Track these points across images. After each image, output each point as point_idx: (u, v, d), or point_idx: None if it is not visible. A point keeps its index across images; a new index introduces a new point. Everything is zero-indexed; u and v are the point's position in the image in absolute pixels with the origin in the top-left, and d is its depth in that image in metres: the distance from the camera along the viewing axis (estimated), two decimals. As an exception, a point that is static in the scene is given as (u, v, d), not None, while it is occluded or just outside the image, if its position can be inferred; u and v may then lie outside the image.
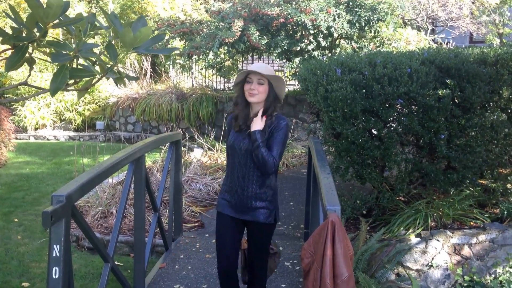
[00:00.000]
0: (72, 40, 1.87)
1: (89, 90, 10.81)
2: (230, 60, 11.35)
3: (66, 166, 8.83)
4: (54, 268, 2.43)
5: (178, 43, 11.88)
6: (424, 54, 4.68)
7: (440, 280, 4.43)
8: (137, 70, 12.26)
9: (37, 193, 7.16)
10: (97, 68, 2.00)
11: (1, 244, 5.24)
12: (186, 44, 9.84)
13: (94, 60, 1.97)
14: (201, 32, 9.43)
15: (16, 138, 11.14)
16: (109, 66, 1.93)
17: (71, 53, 1.81)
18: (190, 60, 10.71)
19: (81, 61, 1.98)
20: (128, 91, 11.87)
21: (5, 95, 11.72)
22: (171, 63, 13.16)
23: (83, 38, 1.79)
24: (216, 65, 10.87)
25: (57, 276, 2.42)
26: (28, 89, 11.24)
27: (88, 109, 12.39)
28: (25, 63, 2.05)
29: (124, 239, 5.16)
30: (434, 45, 9.30)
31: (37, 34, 1.81)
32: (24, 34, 1.82)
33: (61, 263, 2.43)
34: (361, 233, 4.44)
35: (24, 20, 1.83)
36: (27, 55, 1.97)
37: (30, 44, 1.86)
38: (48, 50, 2.02)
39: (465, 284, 4.39)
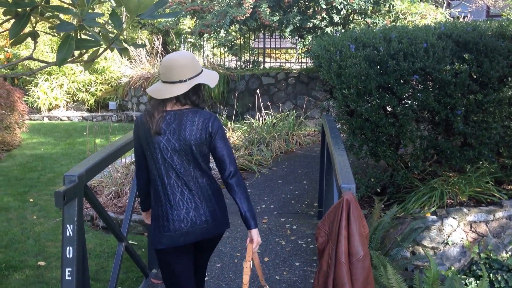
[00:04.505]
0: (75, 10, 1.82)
1: (100, 69, 10.72)
2: (242, 38, 11.22)
3: (80, 147, 8.88)
4: (68, 248, 2.43)
5: (189, 22, 11.77)
6: (441, 28, 4.56)
7: (456, 257, 4.39)
8: (148, 50, 12.18)
9: (52, 173, 7.21)
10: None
11: (17, 224, 5.30)
12: (197, 22, 9.73)
13: (99, 30, 1.93)
14: (212, 10, 9.31)
15: (30, 119, 11.20)
16: (114, 35, 1.89)
17: (75, 22, 1.77)
18: (201, 38, 10.61)
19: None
20: (140, 71, 11.84)
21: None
22: (182, 42, 13.07)
23: (87, 7, 1.75)
24: (227, 43, 10.76)
25: (71, 256, 2.43)
26: (40, 65, 11.25)
27: (101, 90, 12.39)
28: (29, 38, 2.02)
29: (138, 218, 5.18)
30: (451, 19, 9.09)
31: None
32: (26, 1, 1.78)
33: (74, 243, 2.44)
34: (375, 211, 4.41)
35: None
36: (30, 29, 1.93)
37: (32, 12, 1.81)
38: (51, 24, 1.98)
39: (481, 262, 4.34)
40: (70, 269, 2.42)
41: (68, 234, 2.45)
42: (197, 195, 2.47)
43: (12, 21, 1.83)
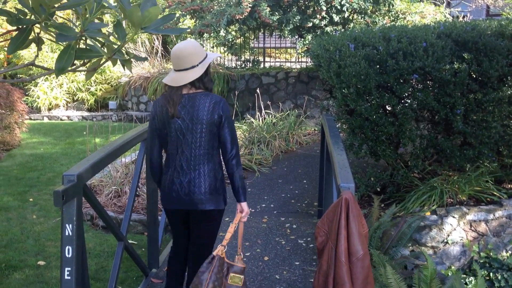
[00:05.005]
0: (78, 18, 1.81)
1: (100, 69, 10.71)
2: (241, 37, 11.21)
3: (80, 146, 8.88)
4: (67, 247, 2.44)
5: (188, 22, 11.75)
6: (440, 27, 4.56)
7: (456, 256, 4.39)
8: (148, 49, 12.18)
9: (52, 173, 7.21)
10: (105, 49, 1.94)
11: (17, 224, 5.30)
12: (196, 22, 9.72)
13: (102, 40, 1.92)
14: (211, 9, 9.30)
15: (30, 119, 11.20)
16: (116, 47, 1.88)
17: (77, 30, 1.75)
18: (201, 38, 10.59)
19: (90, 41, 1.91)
20: (140, 71, 11.84)
21: (18, 75, 11.76)
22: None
23: (89, 17, 1.74)
24: (227, 43, 10.76)
25: (70, 255, 2.43)
26: (41, 70, 11.25)
27: (101, 89, 12.39)
28: (33, 43, 2.01)
29: (138, 217, 5.18)
30: (450, 19, 9.09)
31: (42, 16, 1.75)
32: (28, 17, 1.77)
33: (74, 242, 2.44)
34: (374, 210, 4.40)
35: (30, 2, 1.78)
36: (34, 35, 1.92)
37: (35, 26, 1.80)
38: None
39: (481, 261, 4.35)
40: (69, 269, 2.42)
41: (67, 233, 2.45)
42: (193, 170, 2.82)
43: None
